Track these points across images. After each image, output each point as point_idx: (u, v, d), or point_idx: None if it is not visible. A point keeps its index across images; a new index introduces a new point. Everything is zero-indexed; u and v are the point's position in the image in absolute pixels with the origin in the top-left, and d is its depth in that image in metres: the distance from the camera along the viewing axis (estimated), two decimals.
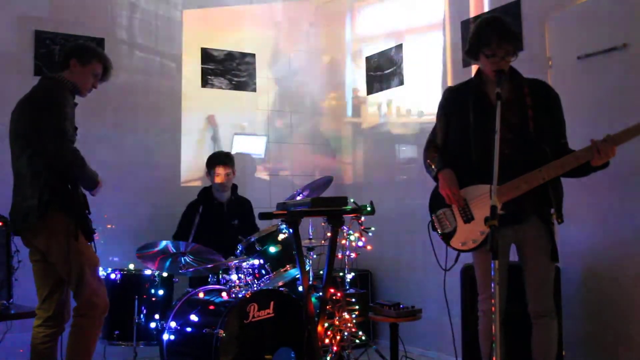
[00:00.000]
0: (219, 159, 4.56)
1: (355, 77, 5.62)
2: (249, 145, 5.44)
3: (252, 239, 3.83)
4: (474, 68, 4.31)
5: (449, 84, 4.58)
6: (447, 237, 3.01)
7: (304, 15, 5.84)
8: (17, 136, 3.19)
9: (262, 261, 3.78)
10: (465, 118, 2.95)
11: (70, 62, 3.30)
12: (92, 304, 3.15)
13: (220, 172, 4.52)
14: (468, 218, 2.93)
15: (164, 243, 3.83)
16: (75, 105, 3.25)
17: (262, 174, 5.51)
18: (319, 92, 5.84)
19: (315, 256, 4.08)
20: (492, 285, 2.29)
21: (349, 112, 5.73)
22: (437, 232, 3.04)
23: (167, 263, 3.91)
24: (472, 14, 4.42)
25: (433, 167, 3.02)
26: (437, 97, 4.67)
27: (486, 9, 4.31)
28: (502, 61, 2.85)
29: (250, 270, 3.73)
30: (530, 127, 2.85)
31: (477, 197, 2.89)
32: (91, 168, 3.19)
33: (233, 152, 5.19)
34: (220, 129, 5.30)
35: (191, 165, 5.11)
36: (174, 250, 3.85)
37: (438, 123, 3.14)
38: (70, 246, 3.06)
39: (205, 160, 4.68)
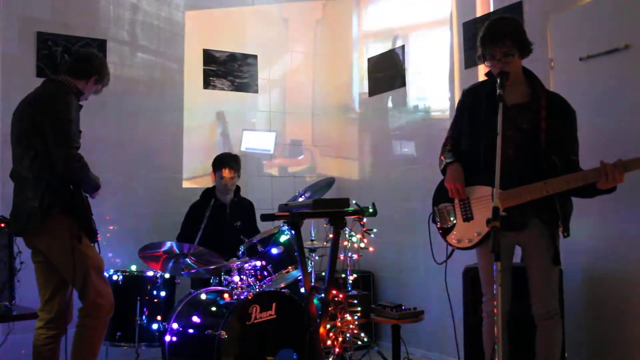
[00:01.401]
0: (226, 162, 4.54)
1: (360, 77, 5.62)
2: (257, 142, 5.45)
3: (255, 241, 3.83)
4: (480, 68, 4.34)
5: (456, 84, 4.58)
6: (444, 232, 3.03)
7: (311, 13, 5.84)
8: (19, 138, 3.18)
9: (264, 263, 3.78)
10: (477, 117, 2.96)
11: (92, 78, 3.33)
12: (97, 305, 3.15)
13: (227, 175, 4.52)
14: (468, 217, 2.94)
15: (168, 244, 3.83)
16: (80, 107, 3.25)
17: (270, 171, 5.51)
18: (322, 91, 5.85)
19: (317, 257, 4.08)
20: (495, 286, 2.29)
21: (353, 112, 5.73)
22: (437, 225, 3.05)
23: (170, 264, 3.92)
24: (475, 16, 4.41)
25: (444, 160, 3.04)
26: (438, 98, 4.72)
27: (488, 10, 4.30)
28: (500, 63, 2.84)
29: (252, 271, 3.73)
30: (542, 138, 2.83)
31: (480, 197, 2.90)
32: (93, 173, 3.19)
33: (243, 148, 5.22)
34: (222, 129, 5.31)
35: (193, 165, 5.11)
36: (177, 252, 3.86)
37: (454, 122, 3.16)
38: (74, 248, 3.06)
39: (208, 159, 4.67)
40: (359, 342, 4.01)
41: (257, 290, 3.62)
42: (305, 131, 5.75)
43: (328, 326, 3.65)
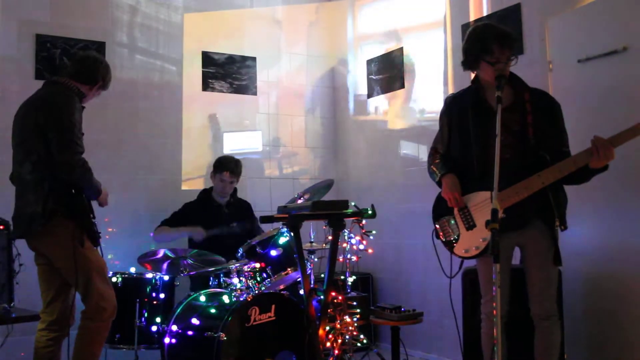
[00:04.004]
0: (227, 165, 4.55)
1: (357, 79, 5.63)
2: (247, 145, 5.44)
3: (254, 242, 3.83)
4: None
5: (450, 87, 4.59)
6: (450, 245, 3.02)
7: (305, 15, 5.85)
8: (21, 141, 3.18)
9: (263, 264, 3.78)
10: (465, 125, 2.97)
11: (97, 84, 3.34)
12: (100, 308, 3.15)
13: (226, 178, 4.53)
14: (470, 225, 2.94)
15: (161, 252, 3.84)
16: (82, 109, 3.25)
17: (268, 173, 5.51)
18: (320, 94, 5.85)
19: (316, 259, 4.08)
20: (494, 288, 2.30)
21: (350, 114, 5.74)
22: (441, 240, 3.05)
23: (165, 265, 3.92)
24: (473, 18, 4.42)
25: (437, 172, 3.04)
26: (437, 100, 4.72)
27: (486, 12, 4.32)
28: (506, 66, 2.86)
29: (251, 273, 3.73)
30: (529, 133, 2.85)
31: (479, 203, 2.90)
32: (95, 178, 3.18)
33: (229, 151, 5.21)
34: (220, 131, 5.32)
35: (192, 168, 5.11)
36: (173, 256, 3.86)
37: (440, 130, 3.15)
38: (76, 252, 3.06)
39: (207, 160, 4.67)
40: (358, 344, 4.01)
41: (257, 292, 3.61)
42: (304, 133, 5.75)
43: (327, 328, 3.65)
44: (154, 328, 3.72)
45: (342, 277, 4.18)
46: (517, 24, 3.97)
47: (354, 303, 4.12)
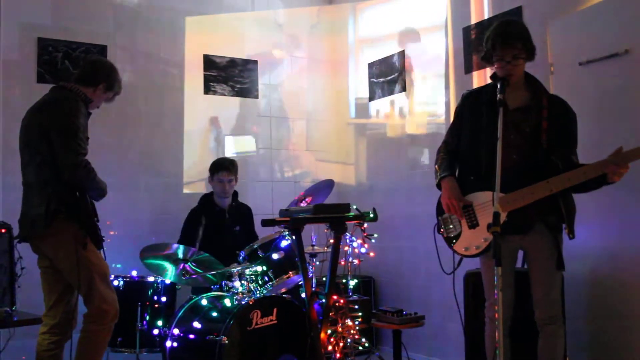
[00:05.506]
0: (223, 165, 4.56)
1: (358, 81, 5.63)
2: (247, 148, 5.45)
3: (255, 246, 3.82)
4: (475, 74, 4.35)
5: (451, 90, 4.59)
6: (451, 241, 3.01)
7: (306, 18, 5.86)
8: (26, 144, 3.19)
9: (264, 268, 3.78)
10: (477, 123, 2.96)
11: (100, 85, 3.32)
12: (102, 311, 3.15)
13: (223, 178, 4.53)
14: (473, 224, 2.93)
15: (175, 247, 3.83)
16: (89, 115, 3.25)
17: (269, 176, 5.51)
18: (321, 97, 5.85)
19: (318, 263, 4.08)
20: (496, 291, 2.29)
21: (352, 117, 5.74)
22: (442, 235, 3.04)
23: (171, 270, 3.91)
24: (474, 21, 4.43)
25: (438, 173, 3.04)
26: (439, 103, 4.73)
27: (487, 15, 4.32)
28: (509, 65, 2.85)
29: (253, 277, 3.73)
30: (543, 139, 2.84)
31: (484, 203, 2.88)
32: (100, 178, 3.19)
33: (230, 154, 5.21)
34: (222, 134, 5.32)
35: (194, 171, 5.12)
36: (181, 256, 3.85)
37: (453, 124, 3.15)
38: (79, 255, 3.06)
39: (209, 164, 4.68)
40: (360, 348, 4.01)
41: (258, 295, 3.61)
42: (305, 136, 5.76)
43: (329, 331, 3.65)
44: (156, 331, 3.72)
45: (344, 281, 4.18)
46: None
47: (356, 306, 4.11)
